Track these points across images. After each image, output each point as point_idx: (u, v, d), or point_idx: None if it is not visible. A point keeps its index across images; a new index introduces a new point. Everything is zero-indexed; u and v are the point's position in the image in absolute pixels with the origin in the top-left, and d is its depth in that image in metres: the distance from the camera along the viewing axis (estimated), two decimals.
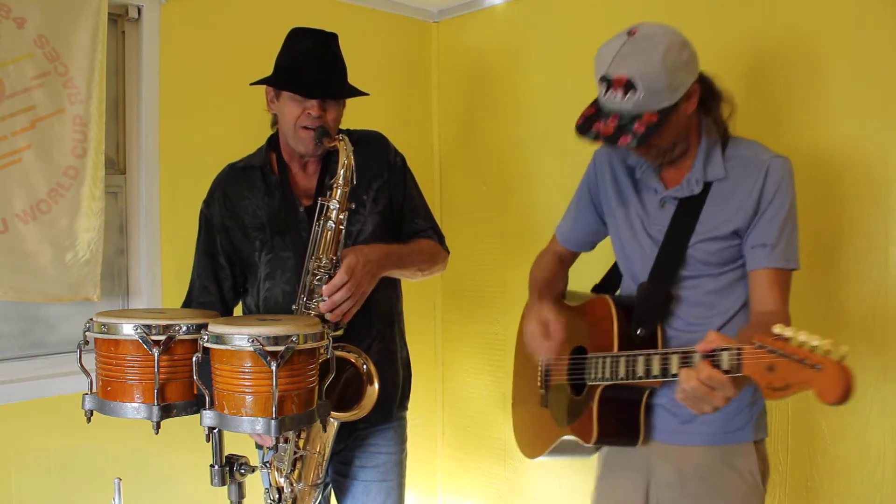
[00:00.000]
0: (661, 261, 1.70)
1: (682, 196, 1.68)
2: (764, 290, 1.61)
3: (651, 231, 1.74)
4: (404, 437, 2.05)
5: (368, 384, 1.79)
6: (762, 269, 1.61)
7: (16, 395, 2.28)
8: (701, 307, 1.69)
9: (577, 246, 1.99)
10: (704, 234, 1.66)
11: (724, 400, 1.39)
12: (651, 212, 1.74)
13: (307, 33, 1.89)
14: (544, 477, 2.95)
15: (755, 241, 1.62)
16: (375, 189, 1.95)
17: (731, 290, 1.68)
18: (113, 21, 2.47)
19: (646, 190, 1.76)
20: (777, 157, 1.63)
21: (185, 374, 1.42)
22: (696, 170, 1.67)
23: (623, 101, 1.55)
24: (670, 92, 1.55)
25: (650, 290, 1.70)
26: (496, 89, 3.11)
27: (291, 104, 1.84)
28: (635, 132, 1.55)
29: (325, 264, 1.75)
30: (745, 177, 1.64)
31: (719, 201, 1.66)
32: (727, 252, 1.66)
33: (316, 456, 1.80)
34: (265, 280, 1.92)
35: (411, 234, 2.01)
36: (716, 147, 1.67)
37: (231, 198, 1.96)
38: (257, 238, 1.92)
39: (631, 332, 1.69)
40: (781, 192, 1.61)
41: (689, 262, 1.68)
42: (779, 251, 1.60)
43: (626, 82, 1.54)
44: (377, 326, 1.93)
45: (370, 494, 1.97)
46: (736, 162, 1.66)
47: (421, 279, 2.01)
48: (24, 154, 2.21)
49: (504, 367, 3.11)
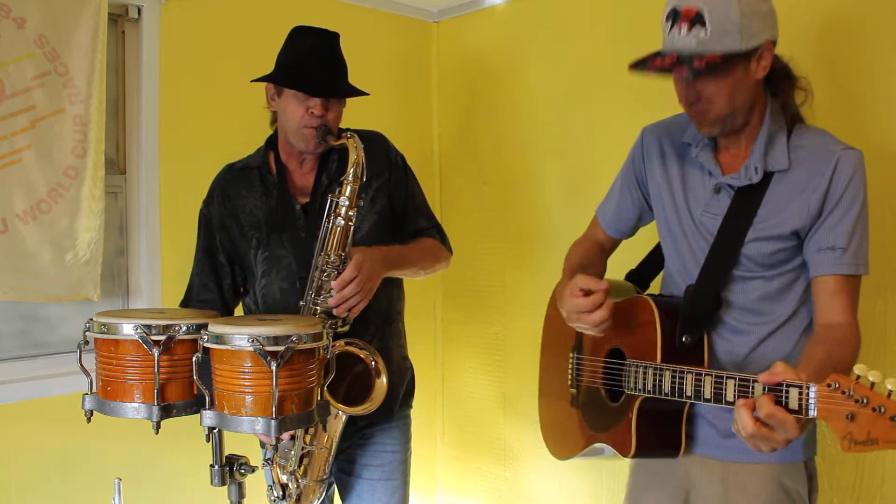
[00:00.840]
0: (713, 260, 1.55)
1: (739, 185, 1.52)
2: (831, 299, 1.46)
3: (702, 222, 1.58)
4: (409, 435, 2.05)
5: (377, 378, 1.80)
6: (829, 276, 1.46)
7: (16, 395, 2.28)
8: (750, 313, 1.55)
9: (621, 232, 1.83)
10: (762, 232, 1.50)
11: (785, 442, 1.24)
12: (703, 199, 1.58)
13: (310, 31, 1.89)
14: (544, 477, 2.95)
15: (821, 243, 1.46)
16: (375, 189, 1.95)
17: (783, 294, 1.54)
18: (113, 21, 2.47)
19: (700, 172, 1.60)
20: (848, 150, 1.47)
21: (185, 374, 1.42)
22: (756, 156, 1.51)
23: (688, 37, 1.41)
24: (741, 36, 1.39)
25: (699, 295, 1.56)
26: (496, 89, 3.11)
27: (294, 102, 1.84)
28: (694, 66, 1.40)
29: (333, 260, 1.76)
30: (812, 170, 1.47)
31: (781, 195, 1.50)
32: (784, 253, 1.51)
33: (323, 451, 1.81)
34: (262, 278, 1.92)
35: (414, 234, 2.01)
36: (780, 133, 1.52)
37: (230, 196, 1.96)
38: (254, 236, 1.93)
39: (676, 339, 1.55)
40: (852, 188, 1.45)
41: (742, 261, 1.53)
42: (848, 256, 1.45)
43: (694, 14, 1.39)
44: (375, 324, 1.93)
45: (375, 493, 1.97)
46: (802, 152, 1.50)
47: (423, 278, 2.02)
48: (24, 154, 2.21)
49: (504, 367, 3.11)
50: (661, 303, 1.59)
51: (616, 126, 2.66)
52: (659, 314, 1.56)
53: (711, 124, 1.52)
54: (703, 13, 1.39)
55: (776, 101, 1.55)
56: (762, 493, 1.54)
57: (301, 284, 1.82)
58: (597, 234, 1.86)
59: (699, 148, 1.60)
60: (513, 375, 3.07)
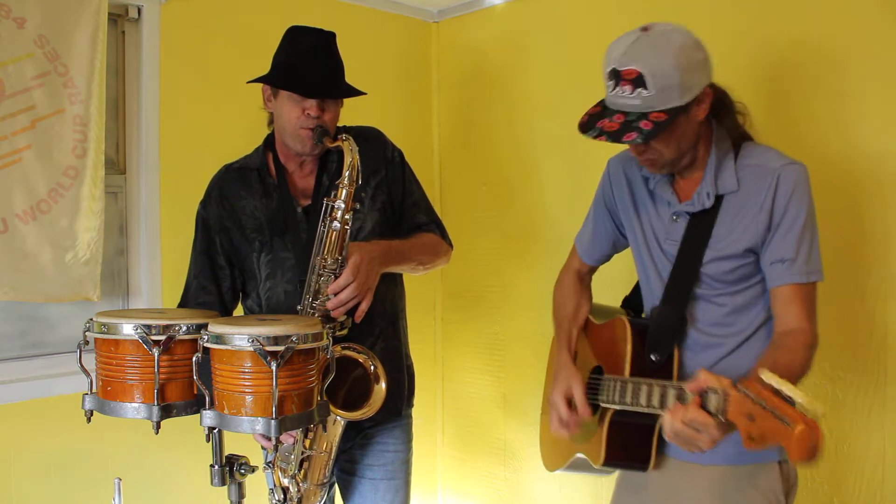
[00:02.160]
0: (675, 280, 1.65)
1: (693, 210, 1.62)
2: (786, 307, 1.54)
3: (665, 246, 1.68)
4: (411, 435, 2.04)
5: (375, 383, 1.79)
6: (782, 287, 1.54)
7: (16, 395, 2.28)
8: (718, 326, 1.63)
9: (597, 260, 1.93)
10: (718, 252, 1.60)
11: (709, 443, 1.35)
12: (666, 226, 1.69)
13: (306, 32, 1.88)
14: (544, 477, 2.95)
15: (773, 256, 1.55)
16: (374, 186, 1.94)
17: (749, 308, 1.62)
18: (113, 21, 2.47)
19: (660, 202, 1.70)
20: (789, 164, 1.56)
21: (185, 374, 1.42)
22: (707, 182, 1.60)
23: (631, 97, 1.49)
24: (682, 91, 1.48)
25: (664, 313, 1.65)
26: (496, 89, 3.11)
27: (290, 103, 1.83)
28: (641, 129, 1.48)
29: (330, 264, 1.74)
30: (756, 189, 1.56)
31: (732, 215, 1.59)
32: (743, 269, 1.59)
33: (323, 455, 1.80)
34: (266, 280, 1.91)
35: (413, 229, 1.99)
36: (728, 157, 1.61)
37: (229, 198, 1.95)
38: (256, 239, 1.92)
39: (646, 356, 1.63)
40: (795, 201, 1.53)
41: (703, 280, 1.62)
42: (799, 265, 1.53)
43: (636, 77, 1.47)
44: (380, 325, 1.93)
45: (378, 493, 1.96)
46: (747, 172, 1.59)
47: (423, 273, 2.00)
48: (24, 154, 2.21)
49: (504, 367, 3.11)
50: (633, 323, 1.69)
51: None
52: (631, 333, 1.66)
53: (661, 168, 1.63)
54: (644, 76, 1.46)
55: (720, 127, 1.64)
56: (737, 494, 1.61)
57: (302, 287, 1.80)
58: (575, 263, 1.97)
59: (656, 180, 1.69)
60: (513, 375, 3.07)
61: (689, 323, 1.64)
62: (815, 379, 2.18)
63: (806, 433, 1.16)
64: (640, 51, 1.48)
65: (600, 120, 1.54)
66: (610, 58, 1.53)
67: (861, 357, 2.10)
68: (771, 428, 1.20)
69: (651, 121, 1.48)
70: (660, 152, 1.57)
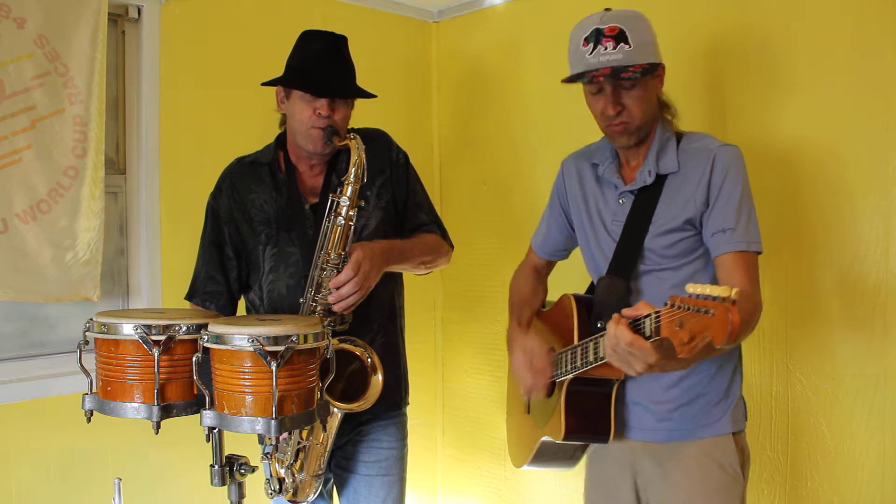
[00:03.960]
0: (619, 254, 1.73)
1: (636, 188, 1.72)
2: (729, 274, 1.61)
3: (609, 226, 1.77)
4: (405, 432, 2.06)
5: (373, 375, 1.81)
6: (725, 255, 1.63)
7: (16, 395, 2.28)
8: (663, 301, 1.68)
9: (551, 255, 2.03)
10: (660, 227, 1.69)
11: (644, 366, 1.42)
12: (612, 207, 1.78)
13: (318, 35, 1.91)
14: (544, 477, 2.95)
15: (713, 227, 1.64)
16: (379, 185, 1.97)
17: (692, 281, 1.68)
18: (113, 21, 2.47)
19: (606, 186, 1.80)
20: (724, 146, 1.68)
21: (185, 374, 1.42)
22: (649, 161, 1.71)
23: (614, 52, 1.60)
24: (655, 51, 1.64)
25: (609, 284, 1.73)
26: (496, 89, 3.11)
27: (301, 104, 1.86)
28: (630, 74, 1.60)
29: (333, 259, 1.78)
30: (694, 167, 1.68)
31: (672, 193, 1.69)
32: (684, 244, 1.68)
33: (318, 447, 1.83)
34: (268, 273, 1.94)
35: (414, 229, 2.03)
36: (670, 141, 1.72)
37: (240, 190, 1.98)
38: (263, 232, 1.94)
39: (592, 325, 1.70)
40: (731, 177, 1.64)
41: (646, 255, 1.70)
42: (738, 234, 1.62)
43: (617, 32, 1.60)
44: (378, 321, 1.95)
45: (373, 488, 1.98)
46: (687, 155, 1.70)
47: (424, 272, 2.04)
48: (24, 154, 2.21)
49: (504, 366, 3.09)
50: (578, 298, 1.79)
51: None
52: (576, 306, 1.76)
53: (630, 134, 1.70)
54: (625, 31, 1.60)
55: (665, 113, 1.77)
56: (697, 469, 1.70)
57: (304, 283, 1.83)
58: (531, 257, 2.08)
59: (605, 166, 1.80)
60: None
61: (634, 295, 1.71)
62: (814, 379, 2.19)
63: (723, 313, 1.20)
64: (616, 16, 1.63)
65: (586, 74, 1.63)
66: (583, 27, 1.66)
67: (861, 357, 2.10)
68: (696, 323, 1.26)
69: (634, 69, 1.59)
70: (632, 114, 1.67)
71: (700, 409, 1.71)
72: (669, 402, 1.73)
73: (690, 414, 1.71)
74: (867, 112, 2.08)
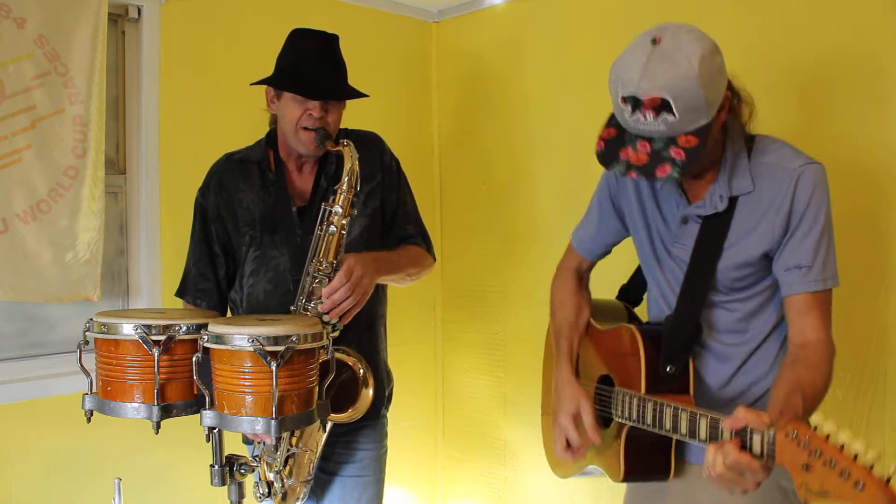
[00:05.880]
0: (688, 289, 1.57)
1: (705, 214, 1.54)
2: (802, 317, 1.46)
3: (673, 250, 1.60)
4: (384, 433, 2.05)
5: (363, 387, 1.81)
6: (798, 295, 1.46)
7: (16, 395, 2.28)
8: (731, 334, 1.57)
9: (598, 256, 1.87)
10: (732, 259, 1.52)
11: (755, 485, 1.26)
12: (673, 229, 1.60)
13: (309, 34, 1.89)
14: (544, 477, 2.95)
15: (788, 262, 1.47)
16: (367, 192, 1.95)
17: (759, 313, 1.56)
18: (113, 21, 2.47)
19: (666, 203, 1.61)
20: (808, 164, 1.46)
21: (185, 374, 1.42)
22: (721, 184, 1.51)
23: (656, 124, 1.37)
24: (708, 108, 1.37)
25: (678, 324, 1.57)
26: (496, 89, 3.11)
27: (292, 105, 1.84)
28: (674, 160, 1.37)
29: (324, 267, 1.76)
30: (772, 189, 1.47)
31: (746, 219, 1.51)
32: (755, 275, 1.53)
33: (308, 453, 1.82)
34: (249, 276, 1.94)
35: (400, 240, 2.02)
36: (741, 155, 1.51)
37: (227, 188, 1.97)
38: (247, 233, 1.94)
39: (660, 368, 1.55)
40: (814, 204, 1.45)
41: (718, 287, 1.55)
42: (815, 272, 1.45)
43: (659, 103, 1.35)
44: (354, 330, 1.90)
45: (346, 489, 1.98)
46: (763, 170, 1.49)
47: (407, 285, 2.02)
48: (24, 154, 2.21)
49: (504, 367, 3.11)
50: (644, 332, 1.59)
51: None
52: (643, 344, 1.57)
53: (683, 176, 1.49)
54: (668, 101, 1.35)
55: (733, 123, 1.53)
56: (759, 494, 1.48)
57: (294, 288, 1.82)
58: (573, 261, 1.88)
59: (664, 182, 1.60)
60: (513, 375, 3.07)
61: (704, 331, 1.57)
62: None
63: (880, 495, 1.01)
64: (659, 73, 1.35)
65: (622, 148, 1.43)
66: (623, 80, 1.39)
67: (861, 357, 2.10)
68: (834, 486, 1.07)
69: (682, 148, 1.38)
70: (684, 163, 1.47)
71: None
72: None
73: None
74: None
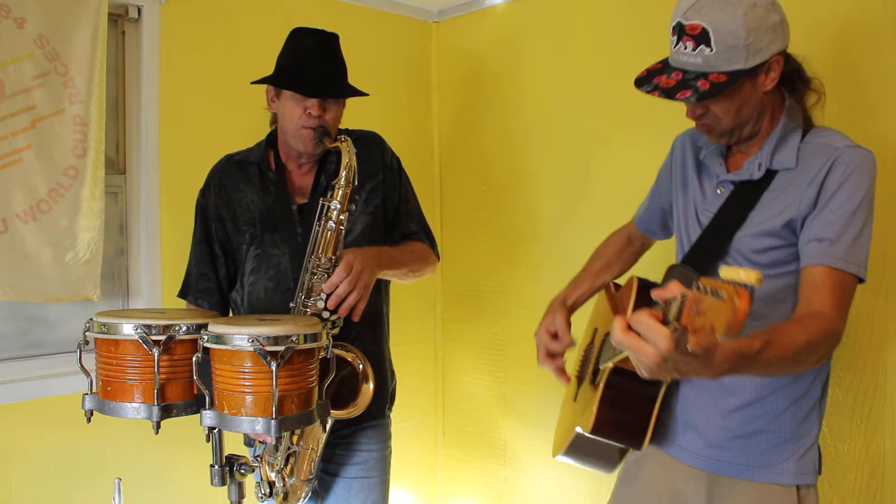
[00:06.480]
0: (700, 245, 1.51)
1: (738, 180, 1.49)
2: (813, 289, 1.35)
3: (701, 217, 1.56)
4: (388, 434, 2.05)
5: (364, 383, 1.80)
6: (815, 267, 1.36)
7: (16, 395, 2.28)
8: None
9: (648, 229, 1.85)
10: (755, 227, 1.45)
11: (652, 355, 1.07)
12: (708, 197, 1.56)
13: (308, 33, 1.90)
14: (544, 477, 2.95)
15: (811, 233, 1.38)
16: (368, 190, 1.96)
17: (781, 298, 1.45)
18: (113, 21, 2.47)
19: (707, 174, 1.59)
20: (854, 148, 1.40)
21: (185, 374, 1.42)
22: (763, 153, 1.46)
23: (693, 55, 1.37)
24: (748, 54, 1.35)
25: (680, 272, 1.48)
26: (496, 89, 3.11)
27: (292, 103, 1.85)
28: (697, 88, 1.36)
29: (323, 263, 1.76)
30: (813, 166, 1.41)
31: (779, 191, 1.44)
32: (778, 252, 1.44)
33: (309, 451, 1.82)
34: (249, 274, 1.94)
35: (403, 237, 2.02)
36: (793, 134, 1.46)
37: (227, 188, 1.98)
38: (247, 232, 1.94)
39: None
40: (850, 183, 1.36)
41: (732, 254, 1.47)
42: (838, 248, 1.34)
43: (699, 32, 1.35)
44: (357, 328, 1.91)
45: (352, 491, 1.97)
46: (810, 149, 1.44)
47: (412, 280, 2.02)
48: (24, 154, 2.21)
49: (504, 366, 3.11)
50: (643, 280, 1.62)
51: (615, 126, 2.66)
52: (637, 289, 1.58)
53: (719, 136, 1.51)
54: (708, 32, 1.35)
55: (793, 99, 1.50)
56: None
57: (295, 286, 1.82)
58: (629, 226, 1.91)
59: (708, 150, 1.59)
60: (513, 375, 3.07)
61: None
62: None
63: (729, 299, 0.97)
64: (708, 4, 1.36)
65: (658, 76, 1.43)
66: (677, 9, 1.41)
67: (861, 357, 2.10)
68: (709, 309, 1.01)
69: (710, 81, 1.36)
70: (717, 118, 1.45)
71: (760, 447, 1.47)
72: (725, 429, 1.50)
73: (747, 449, 1.47)
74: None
